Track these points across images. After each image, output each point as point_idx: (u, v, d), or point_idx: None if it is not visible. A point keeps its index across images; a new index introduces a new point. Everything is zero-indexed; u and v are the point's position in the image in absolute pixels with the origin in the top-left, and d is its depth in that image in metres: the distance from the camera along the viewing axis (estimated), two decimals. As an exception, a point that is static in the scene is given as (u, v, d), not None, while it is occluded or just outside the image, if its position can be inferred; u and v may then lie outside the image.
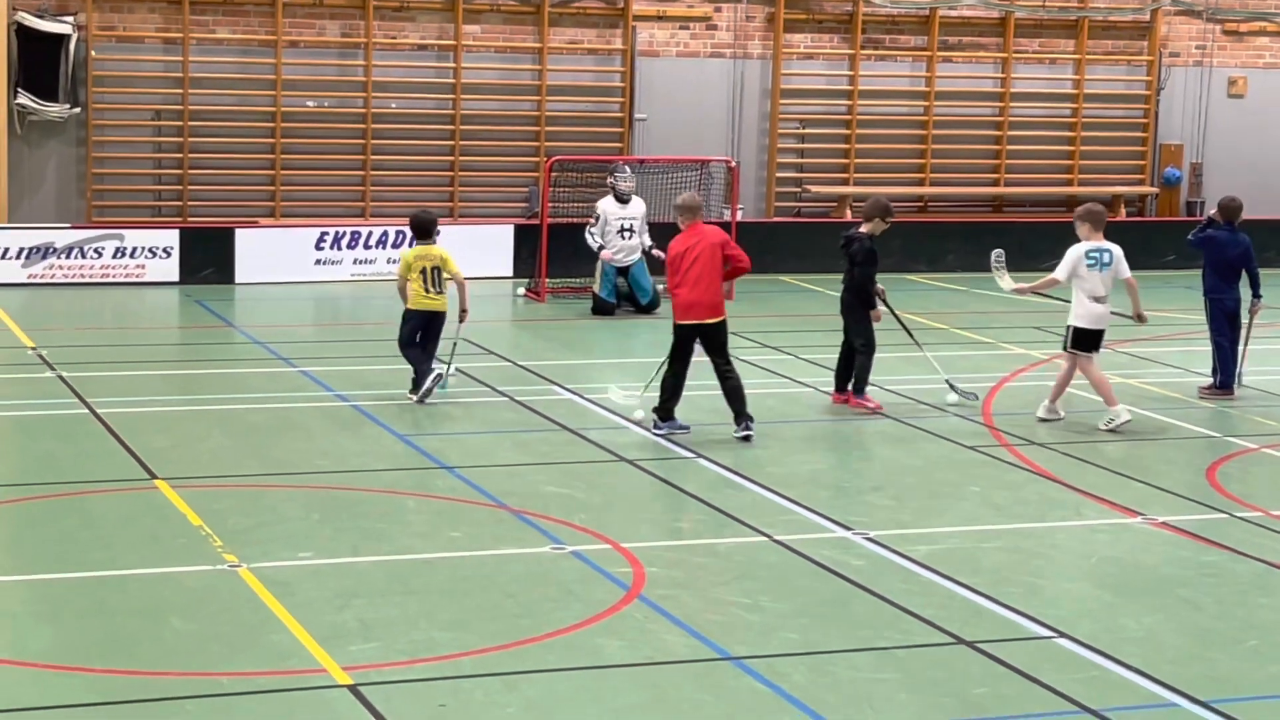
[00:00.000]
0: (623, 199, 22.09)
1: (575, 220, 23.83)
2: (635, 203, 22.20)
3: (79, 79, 24.38)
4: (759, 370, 17.86)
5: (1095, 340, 15.83)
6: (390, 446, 14.64)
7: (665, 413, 15.07)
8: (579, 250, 23.50)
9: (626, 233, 21.95)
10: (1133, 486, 13.74)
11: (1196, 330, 18.36)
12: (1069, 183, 28.74)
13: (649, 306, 21.97)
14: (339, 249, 23.99)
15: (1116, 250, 15.81)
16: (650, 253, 21.89)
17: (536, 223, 23.83)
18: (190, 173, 25.10)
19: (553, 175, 23.62)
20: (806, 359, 18.64)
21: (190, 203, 25.11)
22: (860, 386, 16.21)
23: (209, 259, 23.58)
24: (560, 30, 26.41)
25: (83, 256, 23.09)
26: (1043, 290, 16.47)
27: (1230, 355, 17.22)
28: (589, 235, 22.02)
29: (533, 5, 26.27)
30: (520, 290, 23.59)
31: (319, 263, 23.97)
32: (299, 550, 11.51)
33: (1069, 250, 15.84)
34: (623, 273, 21.99)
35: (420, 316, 16.22)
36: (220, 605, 10.39)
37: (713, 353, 15.07)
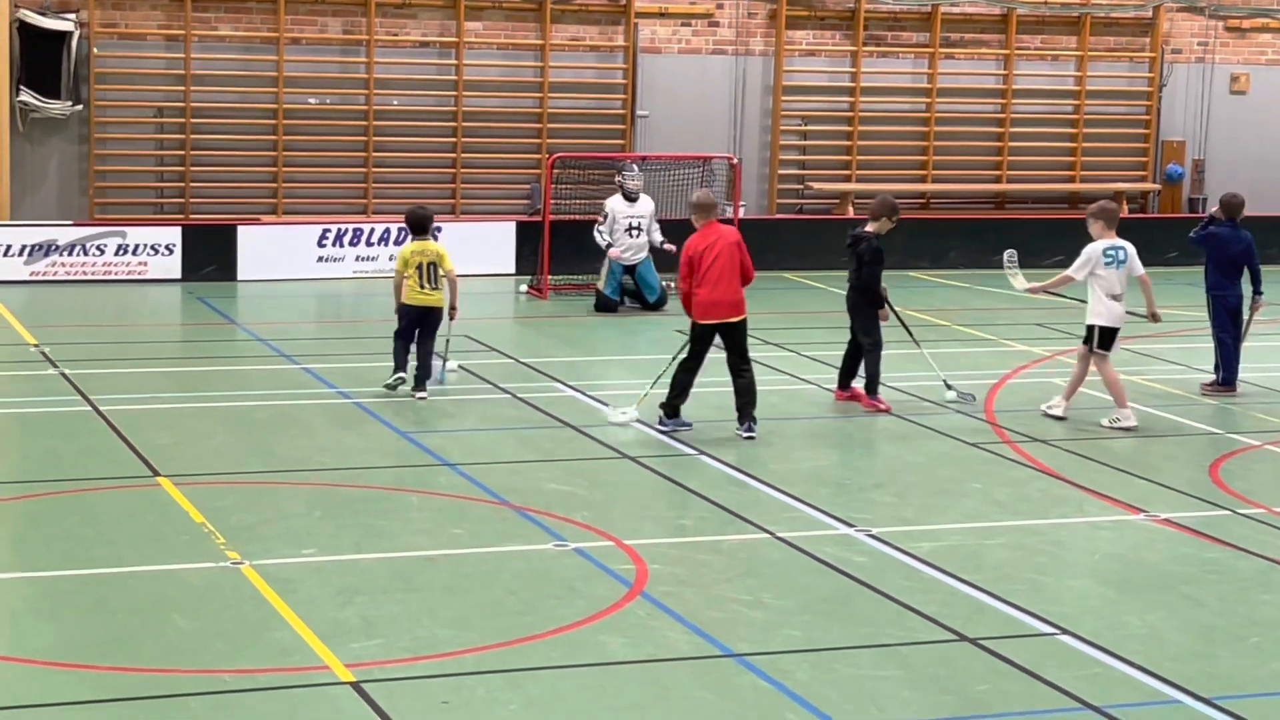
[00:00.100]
0: (631, 197, 22.06)
1: (577, 217, 23.83)
2: (643, 201, 22.17)
3: (81, 76, 24.38)
4: (761, 367, 17.76)
5: (1110, 339, 15.80)
6: (392, 443, 14.65)
7: (672, 410, 15.05)
8: (581, 247, 23.49)
9: (635, 231, 21.92)
10: (1135, 483, 13.74)
11: (1199, 327, 18.35)
12: (1071, 180, 28.73)
13: (656, 304, 21.95)
14: (341, 246, 23.99)
15: (1130, 247, 15.77)
16: (662, 248, 21.89)
17: (538, 220, 23.83)
18: (192, 170, 25.11)
19: (555, 172, 23.61)
20: (809, 355, 18.64)
21: (192, 200, 25.12)
22: (873, 386, 16.16)
23: (211, 256, 23.58)
24: (562, 27, 26.41)
25: (85, 254, 23.10)
26: (1056, 289, 16.38)
27: (1233, 352, 17.21)
28: (597, 233, 22.01)
29: (534, 2, 26.26)
30: (522, 287, 23.58)
31: (321, 260, 23.97)
32: (302, 547, 11.51)
33: (1086, 248, 15.74)
34: (629, 271, 21.98)
35: (416, 311, 16.32)
36: (223, 602, 10.39)
37: (732, 350, 15.01)
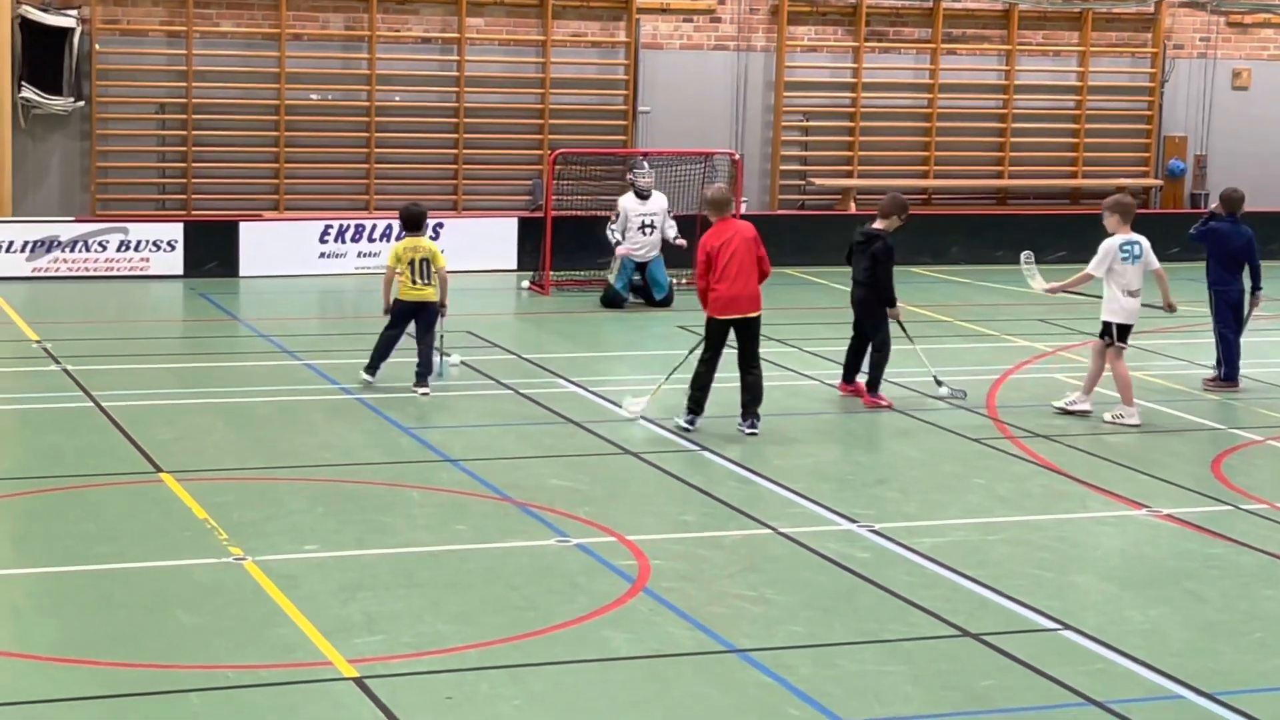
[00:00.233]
0: (643, 194, 22.05)
1: (579, 213, 23.83)
2: (656, 198, 22.15)
3: (83, 72, 24.38)
4: (764, 363, 17.76)
5: (1124, 335, 15.76)
6: (395, 439, 14.65)
7: (697, 405, 14.97)
8: (583, 243, 23.51)
9: (648, 229, 21.91)
10: (1138, 479, 13.74)
11: (1201, 323, 18.34)
12: (1073, 175, 28.71)
13: (663, 302, 21.94)
14: (343, 242, 23.99)
15: (1145, 242, 15.72)
16: (674, 242, 21.89)
17: (540, 216, 23.83)
18: (194, 166, 25.10)
19: (556, 168, 23.61)
20: (811, 351, 18.63)
21: (194, 196, 25.11)
22: (875, 384, 16.15)
23: (213, 252, 23.58)
24: (564, 23, 26.39)
25: (87, 250, 23.09)
26: (1075, 288, 16.22)
27: (1235, 347, 17.20)
28: (610, 231, 22.01)
29: (536, -2, 26.29)
30: (524, 283, 23.57)
31: (323, 255, 23.96)
32: (304, 543, 11.52)
33: (1102, 244, 15.66)
34: (640, 268, 21.96)
35: (409, 307, 16.40)
36: (226, 598, 10.40)
37: (746, 345, 14.98)
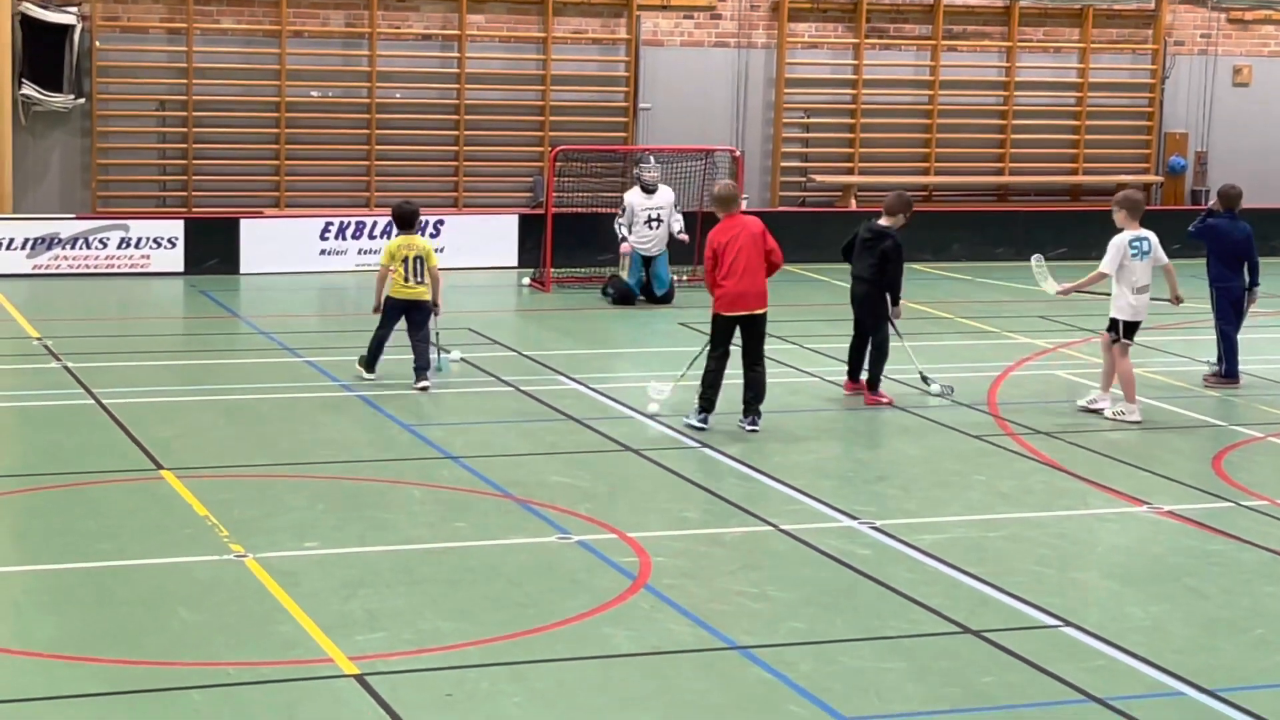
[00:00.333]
0: (648, 189, 22.06)
1: (580, 210, 23.83)
2: (662, 192, 22.16)
3: (83, 69, 24.37)
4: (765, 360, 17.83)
5: (1132, 331, 15.73)
6: (396, 436, 14.65)
7: (709, 403, 14.95)
8: (583, 240, 23.52)
9: (654, 223, 21.91)
10: (1139, 475, 13.74)
11: (1201, 319, 18.34)
12: (1074, 171, 28.70)
13: (664, 298, 21.94)
14: (344, 239, 23.98)
15: (1153, 237, 15.69)
16: (677, 236, 21.89)
17: (541, 213, 23.82)
18: (195, 163, 25.09)
19: (557, 165, 23.60)
20: (811, 348, 18.62)
21: (195, 193, 25.09)
22: (876, 383, 16.14)
23: (214, 249, 23.57)
24: (564, 20, 26.38)
25: (88, 247, 23.09)
26: (1088, 287, 16.13)
27: (1235, 344, 17.20)
28: (617, 227, 22.04)
29: (537, -5, 26.28)
30: (525, 280, 23.57)
31: (324, 253, 23.96)
32: (305, 540, 11.52)
33: (1112, 241, 15.61)
34: (646, 263, 21.95)
35: (401, 304, 16.50)
36: (226, 595, 10.40)
37: (752, 341, 14.96)
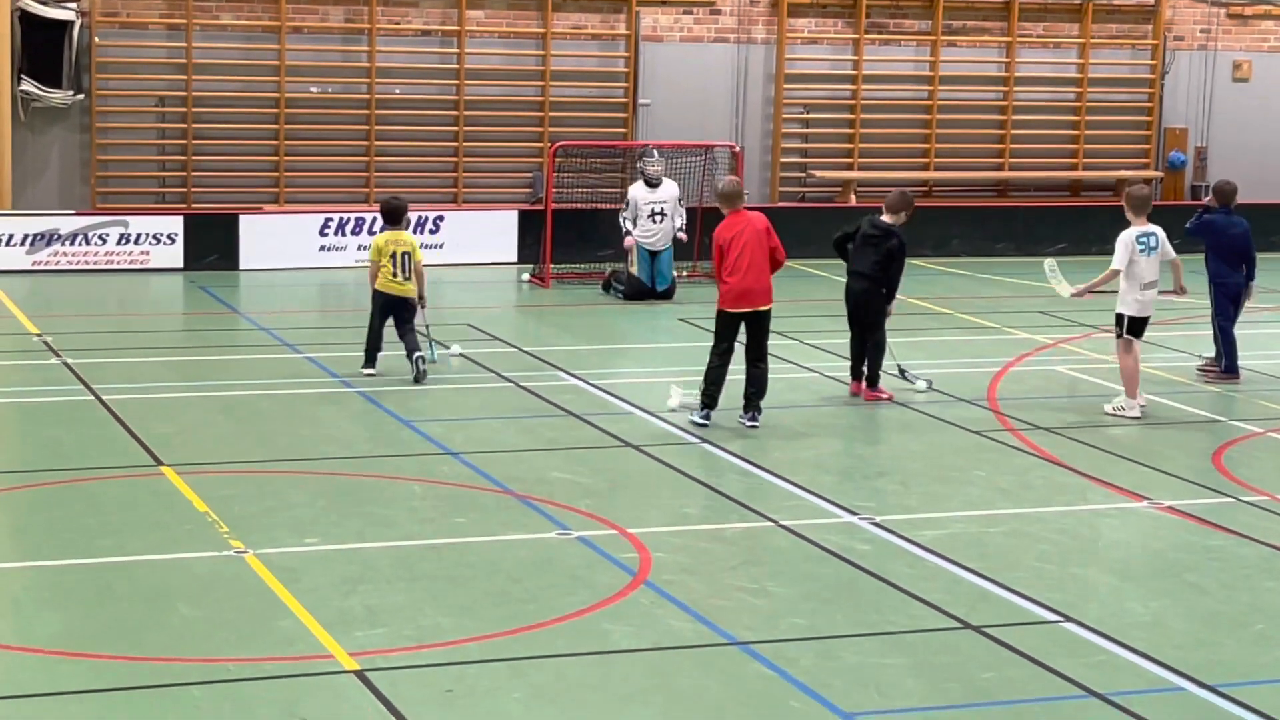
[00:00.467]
0: (652, 183, 22.05)
1: (580, 206, 23.83)
2: (666, 186, 22.16)
3: (82, 65, 24.35)
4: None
5: (1140, 328, 15.69)
6: (395, 432, 14.65)
7: (711, 400, 14.93)
8: (583, 236, 23.51)
9: (658, 216, 21.91)
10: (1139, 471, 13.73)
11: (1201, 314, 18.33)
12: (1073, 167, 28.70)
13: (664, 294, 21.93)
14: (343, 235, 23.98)
15: (1160, 233, 15.65)
16: (676, 233, 21.89)
17: (541, 208, 23.82)
18: (194, 159, 25.08)
19: (557, 161, 23.61)
20: (811, 344, 18.62)
21: (194, 189, 25.09)
22: (875, 379, 16.14)
23: (213, 245, 23.56)
24: (564, 15, 26.37)
25: (87, 243, 23.09)
26: (1101, 287, 15.91)
27: (1234, 339, 17.20)
28: (622, 221, 22.04)
29: (536, -10, 26.28)
30: (525, 276, 23.56)
31: (323, 249, 23.96)
32: (305, 536, 11.52)
33: (1119, 237, 15.55)
34: (651, 258, 21.94)
35: (391, 300, 16.63)
36: (227, 591, 10.40)
37: (756, 337, 14.94)
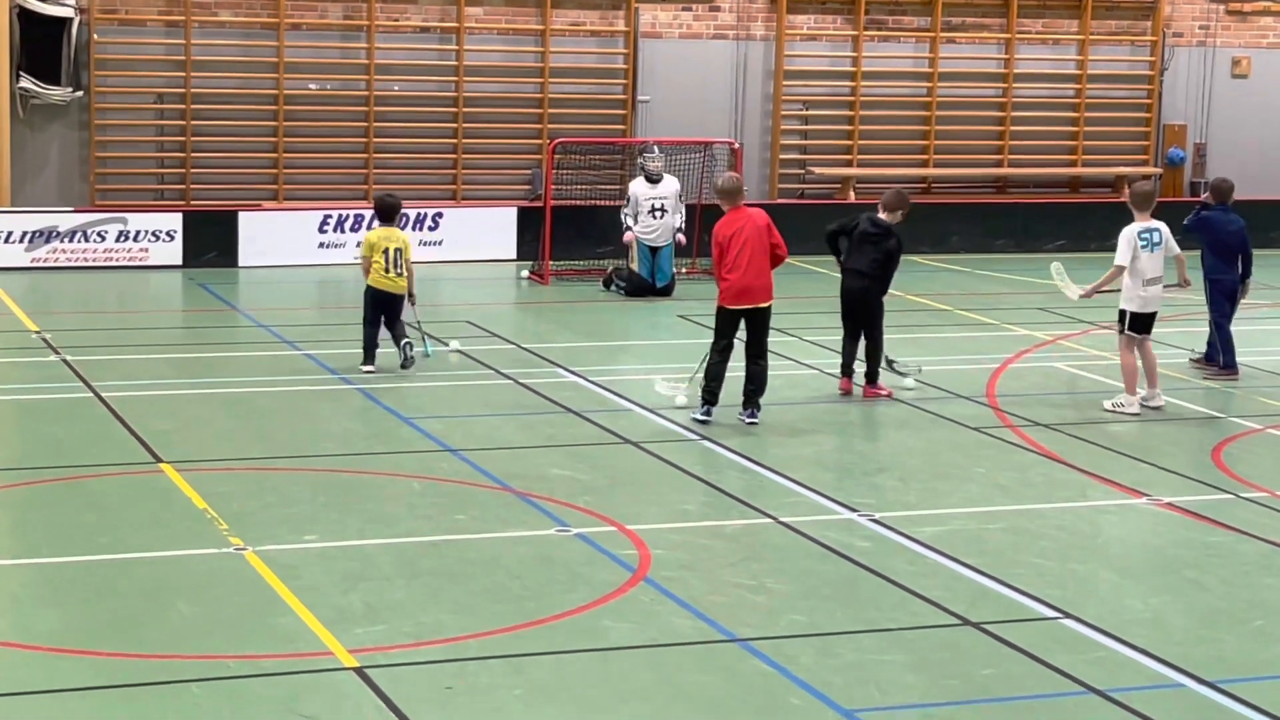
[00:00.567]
0: (652, 179, 22.06)
1: (579, 202, 23.82)
2: (667, 181, 22.17)
3: (81, 62, 24.34)
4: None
5: (1147, 323, 15.66)
6: (395, 429, 14.65)
7: (712, 396, 14.92)
8: (582, 232, 23.50)
9: (658, 212, 21.91)
10: (1138, 467, 13.73)
11: (1198, 311, 18.32)
12: (1073, 164, 28.68)
13: (664, 290, 21.93)
14: (342, 232, 23.97)
15: (1164, 229, 15.63)
16: (677, 236, 21.90)
17: (540, 205, 23.81)
18: (193, 156, 25.07)
19: (556, 157, 23.60)
20: (810, 340, 18.61)
21: (193, 186, 25.08)
22: (875, 375, 16.15)
23: (212, 242, 23.56)
24: (563, 12, 26.35)
25: (86, 240, 23.08)
26: (1108, 286, 15.94)
27: (1231, 336, 17.21)
28: (623, 217, 22.06)
29: (535, -13, 26.26)
30: (524, 273, 23.56)
31: (322, 246, 23.95)
32: (304, 533, 11.52)
33: (1121, 234, 15.55)
34: (652, 254, 21.93)
35: (382, 296, 16.81)
36: (226, 588, 10.40)
37: (755, 334, 14.95)
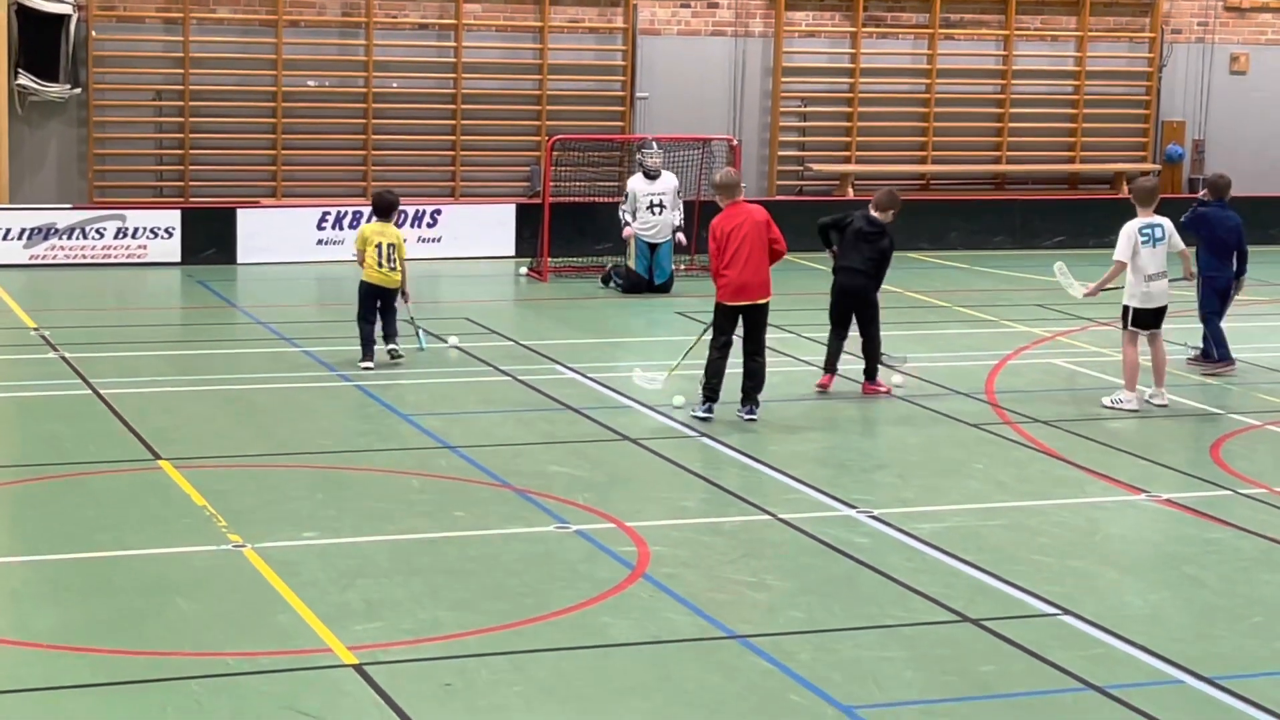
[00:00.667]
0: (651, 175, 22.06)
1: (577, 199, 23.82)
2: (665, 178, 22.17)
3: (79, 59, 24.33)
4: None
5: (1151, 318, 15.64)
6: (394, 426, 14.65)
7: (713, 393, 14.93)
8: (581, 229, 23.50)
9: (656, 208, 21.92)
10: (1137, 464, 13.74)
11: (1190, 308, 18.31)
12: (1071, 160, 28.69)
13: (663, 287, 21.93)
14: (341, 229, 23.96)
15: (1167, 224, 15.61)
16: (676, 236, 21.90)
17: (538, 202, 23.81)
18: (191, 153, 25.06)
19: (554, 154, 23.59)
20: (809, 337, 18.60)
21: (192, 183, 25.08)
22: (874, 372, 16.16)
23: (211, 239, 23.55)
24: (561, 9, 26.35)
25: (84, 237, 23.07)
26: (1110, 283, 15.91)
27: (1222, 330, 17.26)
28: (621, 213, 22.06)
29: (533, -16, 26.26)
30: (522, 270, 23.56)
31: (321, 242, 23.94)
32: (303, 530, 11.52)
33: (1122, 229, 15.55)
34: (651, 250, 21.92)
35: (375, 290, 16.98)
36: (225, 585, 10.40)
37: (754, 330, 14.95)
